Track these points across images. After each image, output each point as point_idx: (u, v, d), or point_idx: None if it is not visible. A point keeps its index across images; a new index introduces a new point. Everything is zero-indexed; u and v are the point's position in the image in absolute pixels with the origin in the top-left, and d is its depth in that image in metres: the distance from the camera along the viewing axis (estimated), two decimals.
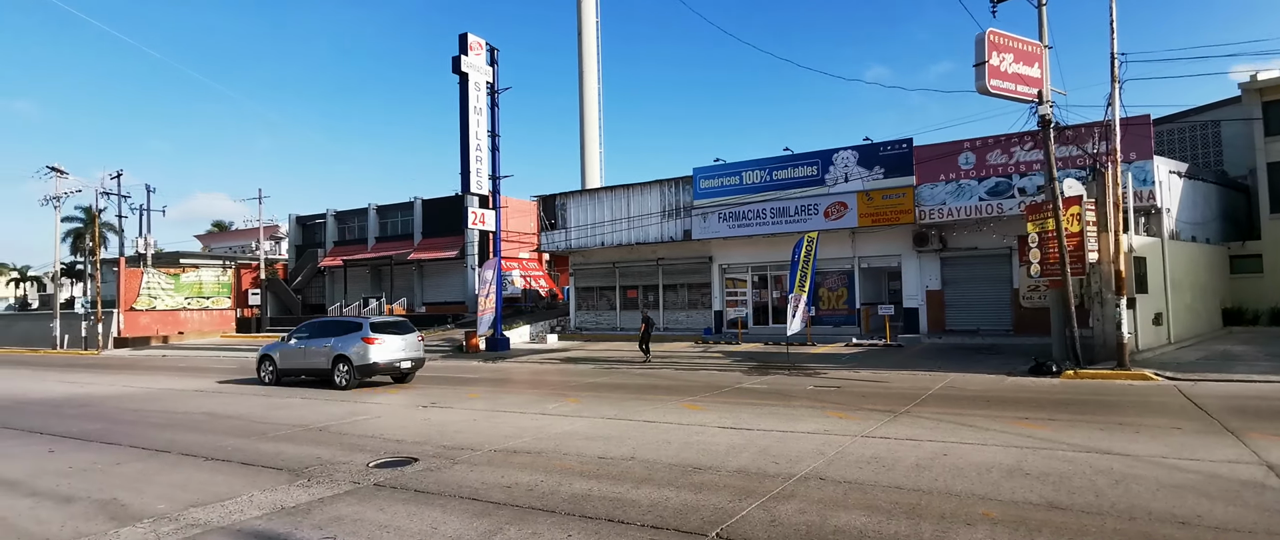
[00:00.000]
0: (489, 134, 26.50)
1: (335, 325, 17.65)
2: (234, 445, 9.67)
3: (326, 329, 17.61)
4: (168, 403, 14.76)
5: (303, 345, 17.45)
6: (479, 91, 26.15)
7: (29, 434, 11.17)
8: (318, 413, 12.57)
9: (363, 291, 41.40)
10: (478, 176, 25.90)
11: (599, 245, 29.01)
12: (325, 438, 10.08)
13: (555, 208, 30.27)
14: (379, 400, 14.13)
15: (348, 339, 16.52)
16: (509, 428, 10.45)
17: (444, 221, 39.34)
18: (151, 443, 10.06)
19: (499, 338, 26.58)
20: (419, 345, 17.56)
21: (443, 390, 15.56)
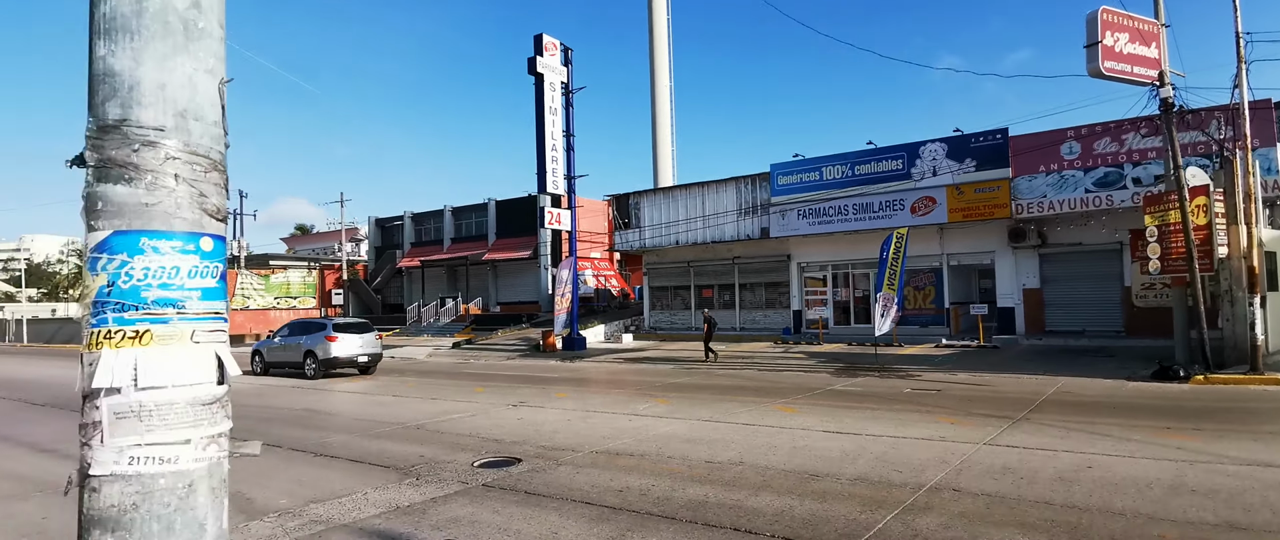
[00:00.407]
0: (564, 134, 26.62)
1: (307, 325, 20.68)
2: (339, 442, 9.84)
3: (301, 329, 20.60)
4: (268, 398, 15.31)
5: (284, 342, 20.45)
6: (554, 92, 26.30)
7: None
8: (413, 411, 12.75)
9: (439, 291, 42.43)
10: (553, 176, 26.05)
11: (673, 244, 28.76)
12: (424, 436, 10.16)
13: (628, 207, 30.20)
14: (475, 399, 14.25)
15: (315, 337, 19.40)
16: (605, 428, 10.29)
17: (517, 222, 39.89)
18: (262, 437, 10.35)
19: (575, 337, 26.66)
20: (377, 343, 20.39)
21: (529, 390, 15.60)
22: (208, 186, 1.92)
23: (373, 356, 19.89)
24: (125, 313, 1.75)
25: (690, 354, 23.36)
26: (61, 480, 8.21)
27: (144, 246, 1.78)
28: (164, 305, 1.80)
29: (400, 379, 18.87)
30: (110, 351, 1.78)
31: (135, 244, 1.78)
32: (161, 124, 1.85)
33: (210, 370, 1.99)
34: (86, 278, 1.82)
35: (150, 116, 1.84)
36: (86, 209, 1.84)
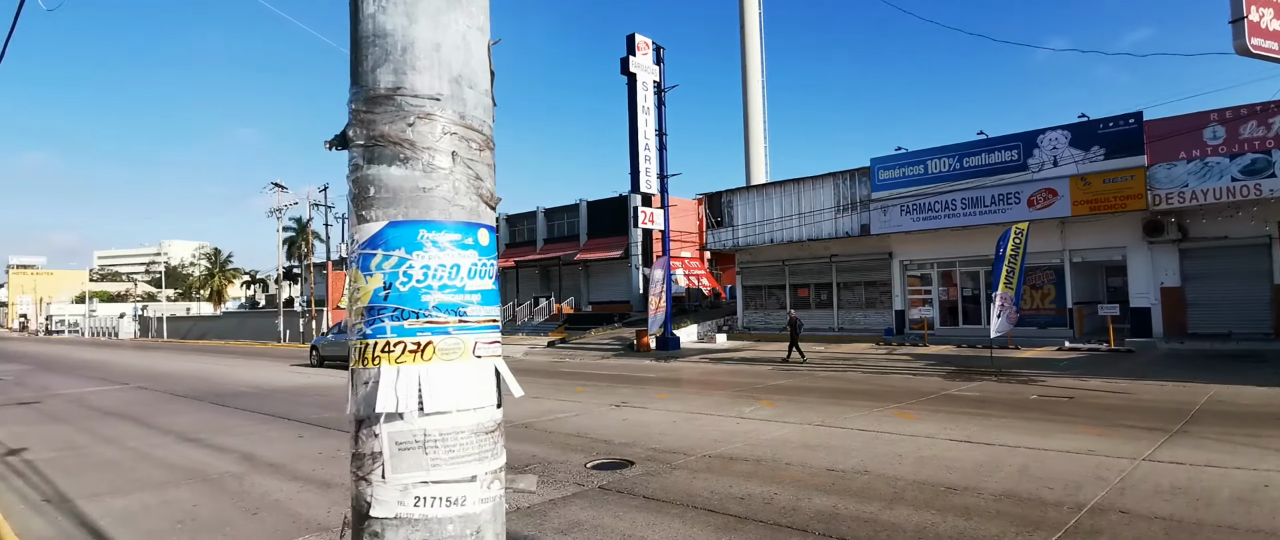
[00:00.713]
0: (656, 133, 26.55)
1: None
2: None
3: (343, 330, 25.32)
4: None
5: (335, 339, 25.70)
6: (646, 91, 26.26)
7: (279, 420, 12.39)
8: (518, 409, 12.92)
9: (533, 291, 43.37)
10: (646, 176, 26.01)
11: (767, 242, 28.16)
12: (533, 435, 10.23)
13: (721, 205, 29.80)
14: (577, 399, 14.34)
15: None
16: (714, 431, 10.05)
17: (608, 222, 40.20)
18: None
19: (669, 337, 26.54)
20: None
21: (628, 389, 15.55)
22: (482, 167, 1.65)
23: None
24: (405, 321, 1.50)
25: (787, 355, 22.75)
26: (208, 469, 8.78)
27: (422, 240, 1.51)
28: (446, 312, 1.55)
29: None
30: (390, 368, 1.52)
31: (413, 237, 1.51)
32: (437, 92, 1.56)
33: (490, 391, 1.73)
34: (357, 279, 1.57)
35: (425, 83, 1.56)
36: (355, 197, 1.60)
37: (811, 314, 28.47)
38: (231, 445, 10.03)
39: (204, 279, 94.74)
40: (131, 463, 9.00)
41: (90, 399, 16.66)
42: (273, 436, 10.67)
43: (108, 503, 7.07)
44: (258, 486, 7.58)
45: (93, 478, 8.18)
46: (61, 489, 7.68)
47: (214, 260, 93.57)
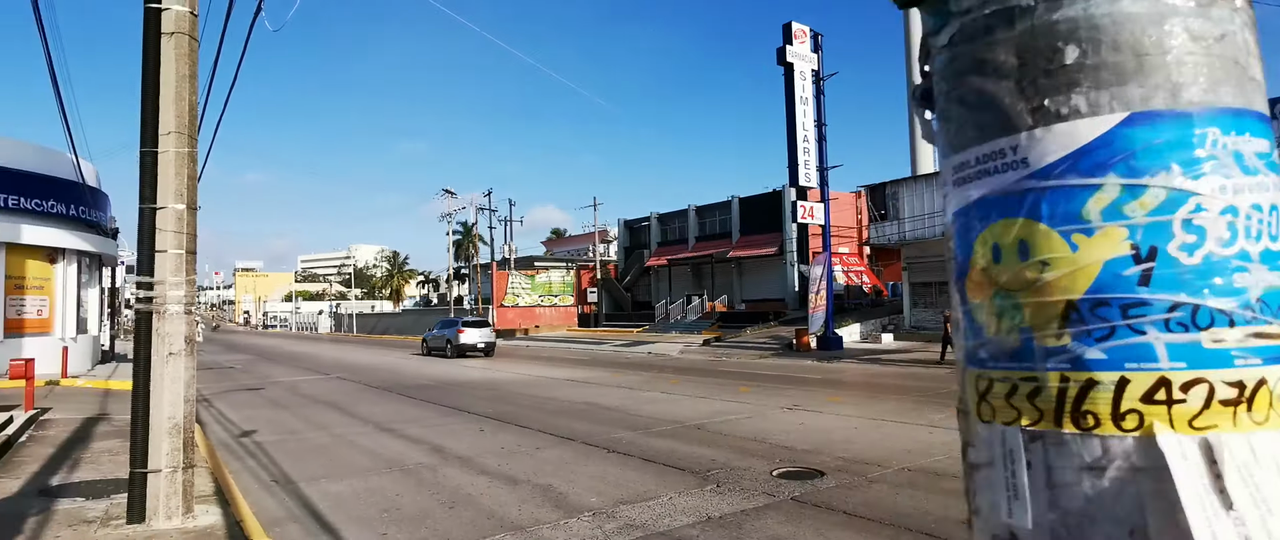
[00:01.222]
0: (815, 124, 25.43)
1: (448, 322, 31.48)
2: (627, 439, 9.97)
3: (446, 325, 31.24)
4: (550, 390, 16.40)
5: (437, 333, 31.14)
6: (804, 80, 25.23)
7: (460, 413, 13.03)
8: (688, 409, 12.69)
9: (685, 289, 43.42)
10: (805, 168, 24.99)
11: (939, 236, 26.05)
12: (707, 437, 9.91)
13: (885, 197, 28.05)
14: (744, 400, 13.91)
15: (451, 330, 29.61)
16: (905, 440, 9.21)
17: (761, 218, 39.32)
18: (556, 429, 10.91)
19: (831, 336, 25.33)
20: (490, 333, 30.21)
21: (796, 391, 14.86)
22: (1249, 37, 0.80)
23: (489, 343, 29.46)
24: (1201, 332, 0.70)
25: None
26: (404, 459, 9.31)
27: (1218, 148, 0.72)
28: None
29: (659, 375, 19.26)
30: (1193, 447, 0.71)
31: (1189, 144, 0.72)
32: None
33: None
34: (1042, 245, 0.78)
35: None
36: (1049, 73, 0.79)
37: None
38: (422, 436, 10.60)
39: (385, 279, 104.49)
40: (340, 449, 9.73)
41: (301, 387, 18.56)
42: (456, 429, 11.17)
43: (324, 486, 7.61)
44: (450, 479, 7.85)
45: (310, 462, 8.90)
46: (285, 471, 8.39)
47: (393, 262, 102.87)
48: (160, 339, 5.70)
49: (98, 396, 15.46)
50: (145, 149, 5.76)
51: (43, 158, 20.47)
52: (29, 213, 19.44)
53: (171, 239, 5.76)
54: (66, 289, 20.92)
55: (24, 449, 8.67)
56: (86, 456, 8.27)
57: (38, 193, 19.79)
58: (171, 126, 5.75)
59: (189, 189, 5.81)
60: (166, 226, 5.76)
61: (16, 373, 10.65)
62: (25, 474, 7.38)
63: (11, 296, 19.29)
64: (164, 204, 5.73)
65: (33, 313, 19.89)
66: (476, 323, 30.15)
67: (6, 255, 19.03)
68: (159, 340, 5.75)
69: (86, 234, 21.67)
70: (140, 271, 5.72)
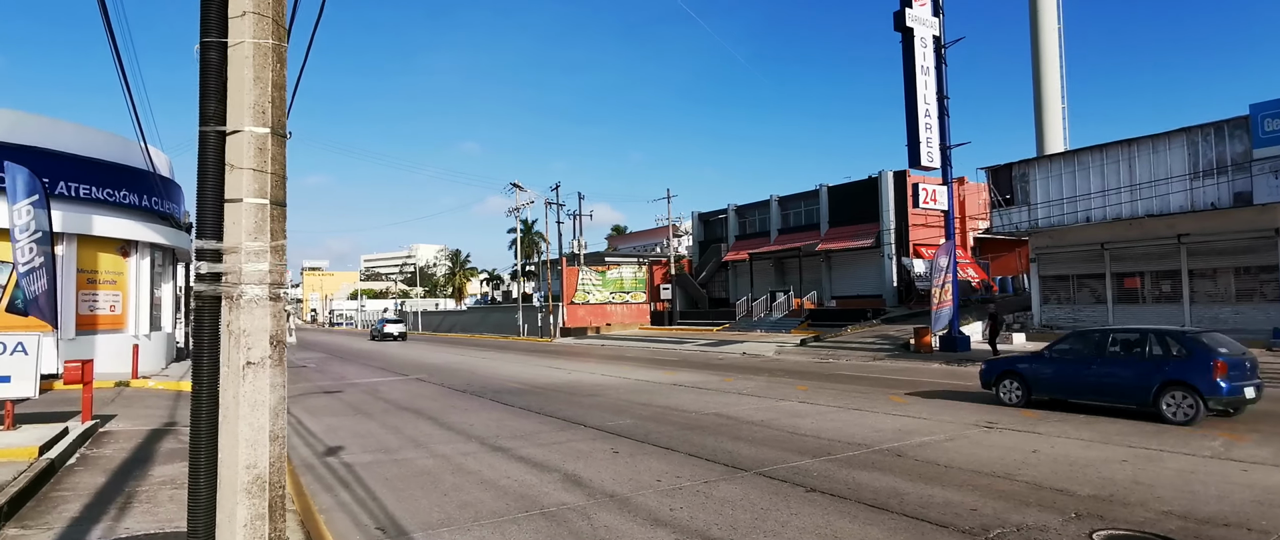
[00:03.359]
0: (937, 97, 22.55)
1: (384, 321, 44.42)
2: (816, 470, 7.64)
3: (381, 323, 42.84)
4: (661, 396, 14.20)
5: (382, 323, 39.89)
6: (925, 48, 22.39)
7: (574, 425, 10.93)
8: (845, 425, 10.28)
9: (768, 285, 40.71)
10: (928, 147, 22.16)
11: (1080, 222, 22.82)
12: (919, 469, 7.51)
13: (1011, 180, 24.85)
14: (912, 413, 11.41)
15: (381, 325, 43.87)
16: (1221, 482, 6.61)
17: (853, 208, 36.35)
18: (708, 452, 8.67)
19: (956, 335, 22.46)
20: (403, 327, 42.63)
21: (968, 404, 12.25)
22: None
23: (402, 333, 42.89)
24: None
25: None
26: (538, 494, 7.00)
27: None
28: None
29: (776, 379, 16.84)
30: None
31: None
32: None
33: None
34: None
35: None
36: None
37: (1145, 310, 22.64)
38: (544, 459, 8.51)
39: (447, 278, 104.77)
40: (451, 477, 7.70)
41: (381, 390, 16.88)
42: (583, 450, 9.05)
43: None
44: (616, 533, 5.68)
45: (419, 497, 6.88)
46: (391, 511, 6.39)
47: (455, 260, 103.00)
48: (233, 340, 3.62)
49: (168, 400, 14.00)
50: (208, 39, 3.69)
51: (113, 145, 19.40)
52: (100, 203, 18.35)
53: (249, 182, 3.67)
54: (139, 284, 19.84)
55: (70, 477, 6.90)
56: (143, 491, 6.42)
57: (109, 182, 18.70)
58: (248, 4, 3.66)
59: (275, 104, 3.73)
60: (241, 161, 3.67)
61: (72, 376, 9.03)
62: (61, 521, 5.55)
63: (83, 291, 18.23)
64: (237, 126, 3.65)
65: (105, 308, 18.83)
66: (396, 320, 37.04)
67: (78, 248, 17.96)
68: (231, 342, 3.66)
69: (160, 226, 20.58)
70: (201, 234, 3.62)
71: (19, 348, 8.81)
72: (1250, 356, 10.52)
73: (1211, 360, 9.78)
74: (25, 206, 14.06)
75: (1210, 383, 9.61)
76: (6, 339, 8.82)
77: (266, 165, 3.64)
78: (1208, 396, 9.62)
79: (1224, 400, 9.69)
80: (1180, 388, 9.87)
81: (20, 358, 8.77)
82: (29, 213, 13.99)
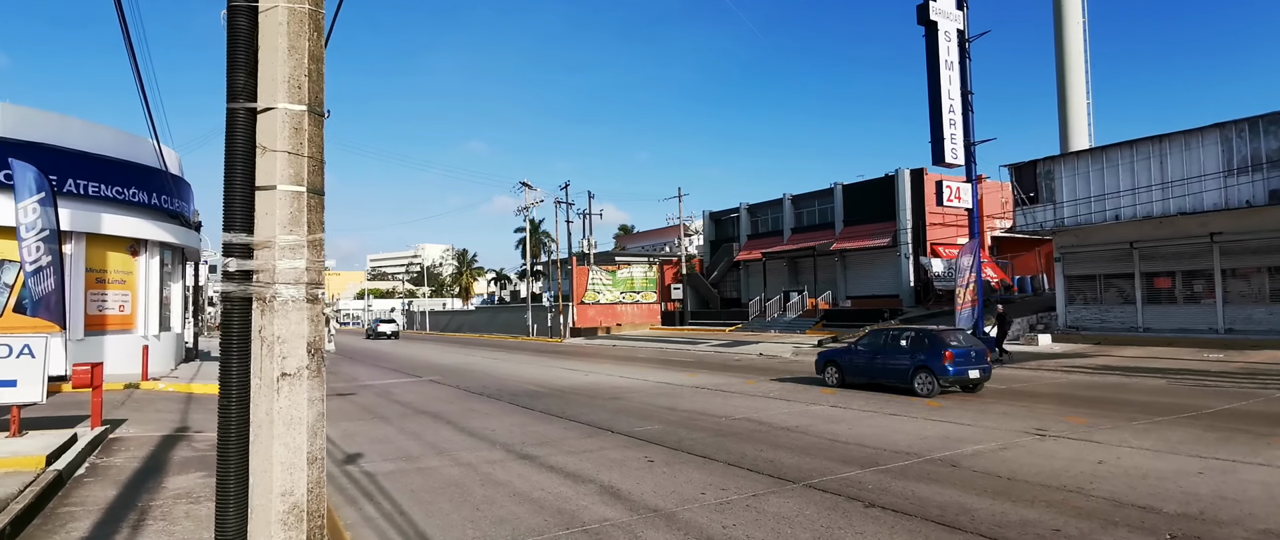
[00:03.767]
0: (961, 92, 22.02)
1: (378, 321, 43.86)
2: (869, 482, 7.17)
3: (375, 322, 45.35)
4: (685, 400, 13.73)
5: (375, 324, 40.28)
6: (949, 42, 21.87)
7: (603, 431, 10.48)
8: (889, 433, 9.80)
9: (781, 285, 40.18)
10: (952, 143, 21.63)
11: (1108, 220, 22.27)
12: (981, 481, 7.03)
13: (1035, 177, 24.30)
14: (966, 422, 10.91)
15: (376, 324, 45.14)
16: None
17: (869, 207, 35.82)
18: (750, 462, 8.21)
19: (981, 337, 21.85)
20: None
21: (1013, 409, 11.76)
22: None
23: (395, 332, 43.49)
24: None
25: (1176, 363, 17.24)
26: (576, 509, 6.42)
27: None
28: None
29: (803, 389, 16.35)
30: None
31: None
32: None
33: None
34: None
35: None
36: None
37: (1175, 310, 22.07)
38: (577, 469, 8.06)
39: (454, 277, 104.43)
40: (480, 488, 7.26)
41: (394, 393, 16.46)
42: (615, 458, 8.60)
43: None
44: None
45: (449, 511, 6.43)
46: (422, 530, 5.95)
47: (462, 260, 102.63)
48: (265, 348, 3.17)
49: (179, 403, 13.61)
50: (236, 3, 3.24)
51: (122, 142, 19.05)
52: (109, 201, 17.98)
53: (283, 166, 3.22)
54: (149, 283, 19.47)
55: (79, 490, 6.48)
56: (157, 506, 5.99)
57: (118, 180, 18.33)
58: None
59: (312, 78, 3.29)
60: (274, 142, 3.23)
61: (82, 380, 8.62)
62: None
63: (92, 291, 17.86)
64: (269, 102, 3.21)
65: (114, 308, 18.46)
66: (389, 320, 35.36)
67: (87, 247, 17.59)
68: (263, 350, 3.21)
69: (169, 225, 20.21)
70: (229, 226, 3.17)
71: (25, 350, 8.41)
72: (977, 348, 13.93)
73: (943, 351, 13.16)
74: (32, 204, 13.69)
75: (941, 367, 13.05)
76: (12, 341, 8.42)
77: (302, 147, 3.19)
78: (940, 377, 13.05)
79: (951, 379, 13.14)
80: (925, 371, 13.31)
81: (27, 361, 8.37)
82: (36, 211, 13.62)
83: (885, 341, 14.55)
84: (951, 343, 13.40)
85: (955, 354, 13.06)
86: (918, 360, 13.40)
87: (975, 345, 13.94)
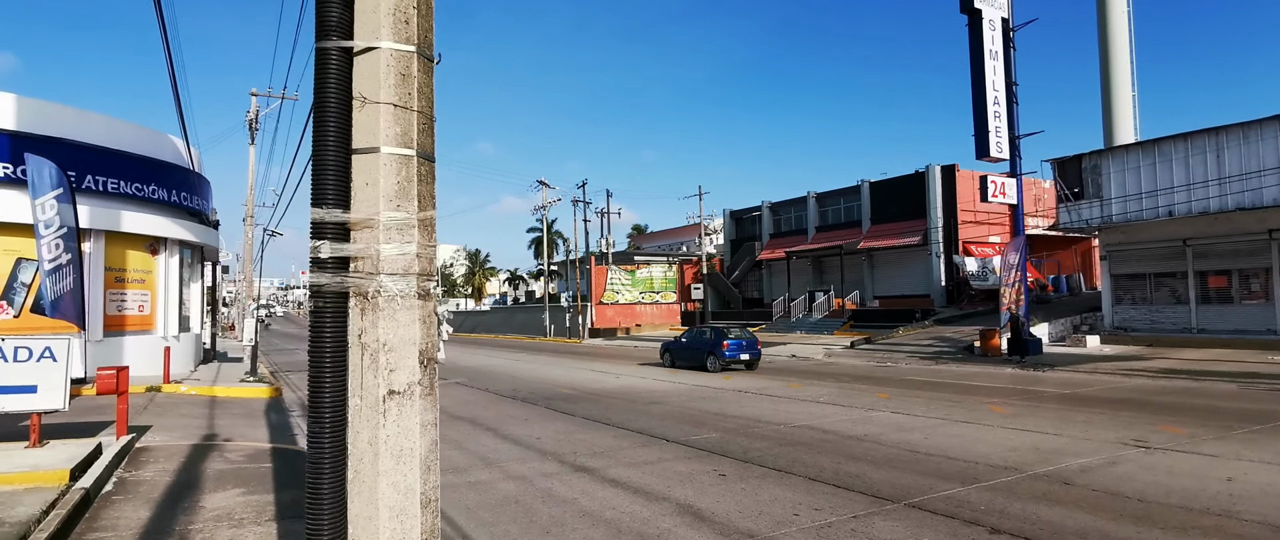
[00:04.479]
0: (1006, 84, 21.18)
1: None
2: (980, 502, 6.42)
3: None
4: (731, 405, 13.00)
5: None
6: (993, 31, 21.05)
7: (657, 441, 9.77)
8: (972, 444, 9.03)
9: (805, 284, 39.34)
10: (996, 136, 20.79)
11: (1161, 216, 21.33)
12: (1105, 502, 6.28)
13: (1080, 172, 23.39)
14: (1051, 431, 10.14)
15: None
16: None
17: (898, 205, 34.96)
18: (833, 477, 7.47)
19: (1027, 338, 21.03)
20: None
21: (1093, 415, 10.96)
22: None
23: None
24: None
25: (1239, 366, 16.35)
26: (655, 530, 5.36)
27: None
28: None
29: (848, 386, 15.58)
30: None
31: None
32: None
33: None
34: None
35: None
36: None
37: (1231, 311, 21.15)
38: (643, 484, 7.36)
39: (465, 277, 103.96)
40: (543, 507, 6.57)
41: None
42: (682, 472, 7.89)
43: None
44: None
45: (517, 535, 5.74)
46: None
47: (474, 260, 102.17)
48: (368, 359, 2.48)
49: (203, 407, 13.01)
50: None
51: (143, 138, 18.52)
52: (129, 198, 17.44)
53: (388, 122, 2.54)
54: (169, 283, 18.93)
55: (108, 510, 5.84)
56: (197, 532, 5.33)
57: (138, 176, 17.79)
58: None
59: (421, 12, 2.60)
60: (377, 92, 2.54)
61: (106, 385, 8.00)
62: None
63: (111, 290, 17.33)
64: (370, 40, 2.52)
65: (134, 308, 17.92)
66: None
67: (106, 245, 17.06)
68: (365, 362, 2.50)
69: (189, 223, 19.67)
70: (319, 200, 2.46)
71: (46, 353, 7.79)
72: (750, 337, 20.06)
73: (722, 341, 19.53)
74: (50, 200, 13.13)
75: (721, 352, 19.38)
76: (32, 343, 7.80)
77: (411, 99, 2.50)
78: (720, 358, 19.30)
79: (726, 361, 19.29)
80: (712, 355, 19.65)
81: (48, 365, 7.75)
82: (53, 207, 13.05)
83: (700, 336, 21.02)
84: (731, 335, 19.78)
85: (731, 344, 19.34)
86: (710, 348, 19.75)
87: (749, 337, 19.96)
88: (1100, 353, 20.76)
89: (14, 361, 7.68)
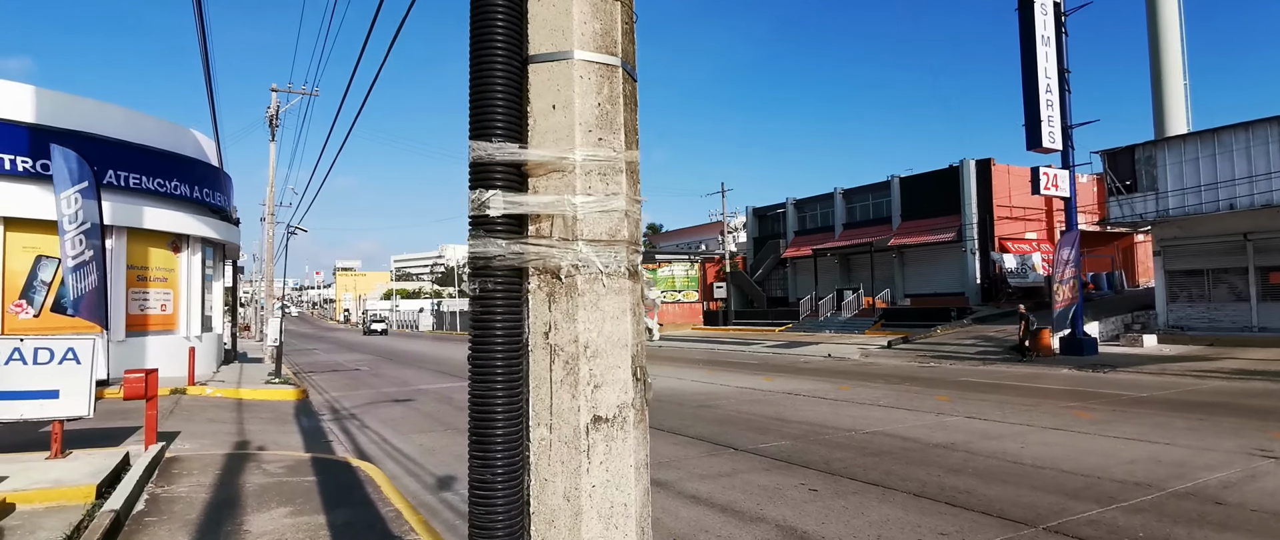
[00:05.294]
0: (1058, 71, 20.23)
1: None
2: (1129, 526, 5.60)
3: None
4: (789, 408, 12.20)
5: None
6: (1045, 16, 20.09)
7: (724, 449, 8.99)
8: (1068, 451, 8.19)
9: (833, 283, 38.42)
10: (1049, 125, 19.85)
11: (1221, 209, 20.32)
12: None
13: (1133, 164, 22.40)
14: (1159, 440, 9.27)
15: None
16: None
17: (930, 200, 33.98)
18: (938, 492, 6.67)
19: (1081, 337, 20.10)
20: None
21: (1199, 424, 10.09)
22: None
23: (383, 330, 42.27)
24: None
25: None
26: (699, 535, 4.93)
27: None
28: None
29: (903, 388, 14.74)
30: None
31: None
32: None
33: None
34: None
35: None
36: None
37: None
38: (727, 500, 6.59)
39: None
40: None
41: (455, 398, 15.14)
42: (765, 485, 7.11)
43: None
44: None
45: None
46: None
47: None
48: (562, 369, 1.62)
49: (231, 411, 12.37)
50: None
51: (165, 132, 17.96)
52: (151, 194, 16.87)
53: (584, 16, 1.69)
54: (191, 281, 18.37)
55: (141, 536, 5.12)
56: None
57: (160, 172, 17.22)
58: None
59: None
60: None
61: (134, 390, 7.32)
62: None
63: (134, 289, 16.76)
64: None
65: (156, 308, 17.35)
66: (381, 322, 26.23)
67: (128, 242, 16.49)
68: (558, 373, 1.60)
69: (211, 220, 19.11)
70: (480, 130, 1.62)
71: (69, 355, 7.13)
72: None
73: None
74: (73, 194, 12.54)
75: None
76: (54, 345, 7.14)
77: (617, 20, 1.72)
78: None
79: None
80: None
81: (71, 367, 7.09)
82: (77, 202, 12.46)
83: None
84: None
85: None
86: None
87: None
88: (1160, 353, 19.77)
89: (34, 364, 7.02)
